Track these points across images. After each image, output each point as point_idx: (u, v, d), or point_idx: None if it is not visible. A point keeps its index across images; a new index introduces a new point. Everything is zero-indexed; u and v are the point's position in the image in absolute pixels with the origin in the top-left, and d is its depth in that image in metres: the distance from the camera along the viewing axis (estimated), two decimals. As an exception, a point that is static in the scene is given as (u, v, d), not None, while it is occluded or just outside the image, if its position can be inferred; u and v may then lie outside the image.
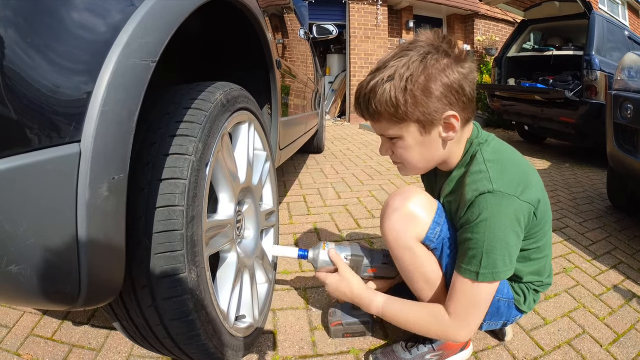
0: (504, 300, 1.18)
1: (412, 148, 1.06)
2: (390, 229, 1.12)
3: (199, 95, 1.00)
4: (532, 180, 1.07)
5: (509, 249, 1.01)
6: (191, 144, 0.90)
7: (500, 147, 1.13)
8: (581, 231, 2.44)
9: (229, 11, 1.32)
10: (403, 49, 1.00)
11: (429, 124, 1.01)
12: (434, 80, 0.97)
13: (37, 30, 0.59)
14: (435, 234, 1.11)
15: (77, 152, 0.63)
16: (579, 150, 5.35)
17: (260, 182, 1.44)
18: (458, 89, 0.99)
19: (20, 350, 1.27)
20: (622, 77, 2.46)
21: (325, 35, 3.90)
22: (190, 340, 0.93)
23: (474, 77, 1.03)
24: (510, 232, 1.00)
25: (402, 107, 0.98)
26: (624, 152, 2.23)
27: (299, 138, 2.74)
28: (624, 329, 1.47)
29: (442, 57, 0.98)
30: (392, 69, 0.98)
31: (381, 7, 8.30)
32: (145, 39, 0.74)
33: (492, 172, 1.03)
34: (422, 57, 0.97)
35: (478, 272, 1.00)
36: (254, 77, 1.70)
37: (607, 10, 11.99)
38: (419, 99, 0.97)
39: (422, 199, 1.13)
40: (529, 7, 5.40)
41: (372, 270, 1.33)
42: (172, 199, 0.84)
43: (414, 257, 1.12)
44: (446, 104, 0.99)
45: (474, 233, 1.01)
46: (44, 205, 0.60)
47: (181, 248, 0.85)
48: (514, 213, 1.00)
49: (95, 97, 0.65)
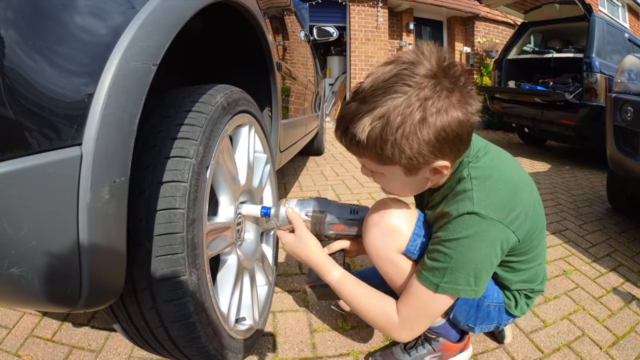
0: (493, 305, 1.16)
1: (394, 182, 1.01)
2: (371, 243, 1.10)
3: (199, 98, 1.00)
4: (521, 198, 1.01)
5: (477, 272, 0.96)
6: (192, 146, 0.90)
7: (492, 161, 1.05)
8: (581, 233, 2.44)
9: (230, 13, 1.32)
10: (399, 79, 0.85)
11: (415, 170, 0.93)
12: (428, 134, 0.85)
13: (39, 33, 0.58)
14: (416, 245, 1.07)
15: (78, 155, 0.63)
16: (579, 152, 5.35)
17: (261, 184, 1.44)
18: (453, 139, 0.88)
19: (20, 351, 1.27)
20: (622, 80, 2.46)
21: (325, 37, 3.91)
22: (191, 342, 0.93)
23: (475, 121, 0.91)
24: (484, 257, 0.96)
25: (388, 153, 0.88)
26: (624, 154, 2.24)
27: (299, 140, 2.74)
28: (624, 331, 1.47)
29: (444, 97, 0.85)
30: (382, 109, 0.85)
31: (381, 9, 8.32)
32: (147, 42, 0.74)
33: (476, 191, 0.97)
34: (420, 102, 0.84)
35: (438, 285, 0.96)
36: (254, 80, 1.70)
37: (607, 12, 12.00)
38: (407, 152, 0.87)
39: (401, 212, 1.09)
40: (529, 9, 5.42)
41: (338, 228, 1.20)
42: (172, 201, 0.85)
43: (395, 267, 1.10)
44: (438, 155, 0.90)
45: (444, 247, 0.96)
46: (45, 208, 0.60)
47: (182, 251, 0.85)
48: (493, 239, 0.95)
49: (96, 100, 0.65)
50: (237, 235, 1.23)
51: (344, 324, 1.46)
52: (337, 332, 1.42)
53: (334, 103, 9.05)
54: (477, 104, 0.90)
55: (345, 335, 1.41)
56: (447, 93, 0.85)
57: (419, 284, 1.00)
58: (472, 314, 1.15)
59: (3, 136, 0.55)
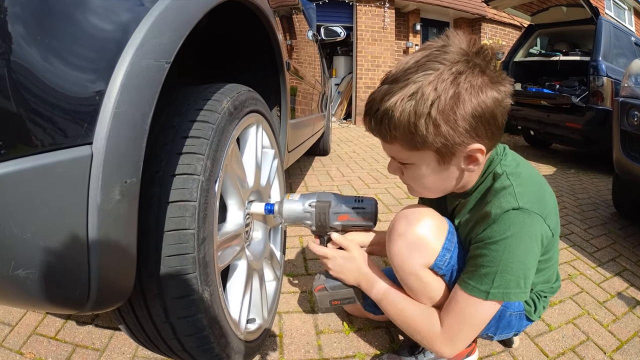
0: (515, 314, 1.13)
1: (425, 177, 0.97)
2: (396, 255, 1.04)
3: (204, 104, 0.96)
4: (547, 195, 1.00)
5: (526, 271, 0.92)
6: (199, 162, 0.87)
7: (514, 161, 1.03)
8: (586, 237, 2.43)
9: (241, 12, 1.31)
10: (430, 58, 0.84)
11: (449, 155, 0.90)
12: (464, 109, 0.83)
13: (49, 30, 0.58)
14: (445, 261, 1.01)
15: (88, 155, 0.61)
16: (584, 156, 5.33)
17: (269, 181, 1.43)
18: (489, 119, 0.86)
19: (22, 348, 1.27)
20: (629, 84, 2.46)
21: (332, 37, 3.91)
22: (204, 352, 0.94)
23: (508, 103, 0.89)
24: (530, 253, 0.92)
25: (421, 134, 0.84)
26: (631, 159, 2.24)
27: (307, 140, 2.73)
28: (628, 336, 1.47)
29: (477, 76, 0.84)
30: (415, 85, 0.83)
31: (388, 9, 8.30)
32: (159, 39, 0.72)
33: (516, 187, 0.94)
34: (454, 76, 0.82)
35: (488, 292, 0.92)
36: (264, 79, 1.69)
37: (614, 15, 11.94)
38: (443, 129, 0.83)
39: (431, 222, 1.02)
40: (536, 12, 5.40)
41: (343, 218, 1.16)
42: (182, 222, 0.83)
43: (420, 282, 1.04)
44: (473, 136, 0.86)
45: (491, 250, 0.91)
46: (54, 208, 0.59)
47: (193, 271, 0.85)
48: (537, 234, 0.92)
49: (108, 99, 0.63)
50: (245, 237, 1.23)
51: (350, 326, 1.46)
52: (343, 333, 1.42)
53: (340, 103, 9.06)
54: (509, 85, 0.89)
55: (351, 337, 1.41)
56: (480, 71, 0.84)
57: (467, 295, 0.95)
58: (493, 324, 1.11)
59: (11, 134, 0.54)
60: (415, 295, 1.08)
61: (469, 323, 0.98)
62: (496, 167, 1.00)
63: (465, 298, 0.96)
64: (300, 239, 2.23)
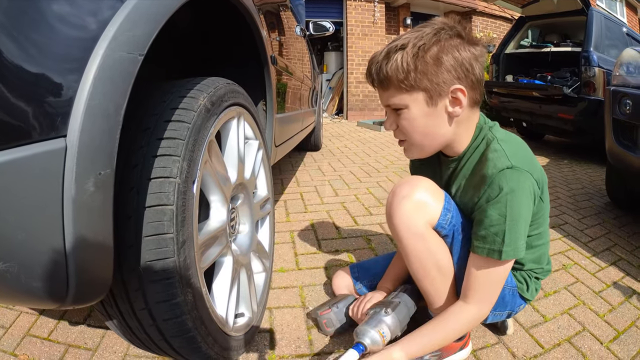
0: (508, 288, 1.19)
1: (417, 119, 1.07)
2: (401, 216, 1.10)
3: (180, 103, 0.94)
4: (535, 160, 1.11)
5: (526, 225, 1.04)
6: (175, 164, 0.86)
7: (505, 131, 1.16)
8: (580, 227, 2.42)
9: (223, 6, 1.30)
10: (418, 27, 1.06)
11: (436, 95, 1.03)
12: (445, 52, 1.01)
13: (22, 23, 0.57)
14: (447, 219, 1.11)
15: (62, 147, 0.61)
16: (577, 146, 5.34)
17: (253, 173, 1.40)
18: (468, 67, 1.02)
19: (16, 350, 1.26)
20: (620, 73, 2.44)
21: (321, 32, 3.89)
22: (192, 351, 0.95)
23: (483, 60, 1.06)
24: (526, 207, 1.03)
25: (412, 73, 1.01)
26: (623, 147, 2.22)
27: (295, 135, 2.73)
28: (624, 326, 1.45)
29: (455, 35, 1.03)
30: (405, 39, 1.03)
31: (378, 4, 8.29)
32: (133, 32, 0.73)
33: (507, 150, 1.06)
34: (436, 31, 1.02)
35: (501, 250, 1.01)
36: (248, 74, 1.67)
37: (605, 7, 11.97)
38: (429, 67, 1.01)
39: (429, 187, 1.13)
40: (527, 4, 5.39)
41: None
42: (160, 227, 0.82)
43: (426, 244, 1.11)
44: (455, 77, 1.02)
45: (495, 209, 1.01)
46: (30, 201, 0.59)
47: (175, 274, 0.84)
48: (530, 187, 1.03)
49: (81, 91, 0.63)
50: (230, 231, 1.21)
51: (341, 321, 1.43)
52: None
53: (331, 98, 9.04)
54: (483, 49, 1.06)
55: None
56: (458, 33, 1.04)
57: (482, 259, 1.05)
58: None
59: None
60: (420, 264, 1.13)
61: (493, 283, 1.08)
62: (487, 133, 1.12)
63: (481, 262, 1.06)
64: (291, 234, 2.20)
